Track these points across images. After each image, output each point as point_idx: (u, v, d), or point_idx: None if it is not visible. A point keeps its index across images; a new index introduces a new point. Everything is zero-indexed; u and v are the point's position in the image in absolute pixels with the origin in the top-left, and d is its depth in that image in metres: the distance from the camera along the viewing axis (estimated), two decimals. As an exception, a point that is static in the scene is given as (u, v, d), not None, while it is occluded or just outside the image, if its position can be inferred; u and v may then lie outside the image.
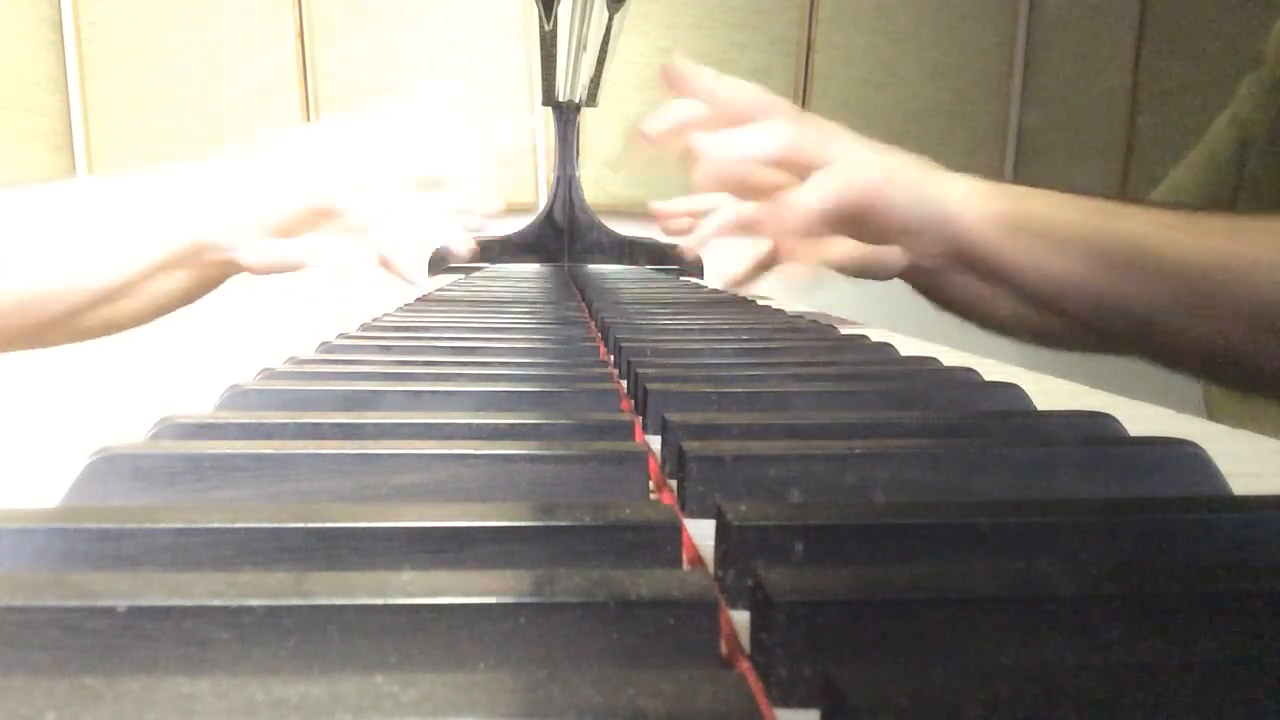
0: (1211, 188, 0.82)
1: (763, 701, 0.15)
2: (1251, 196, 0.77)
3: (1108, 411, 0.31)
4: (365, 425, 0.28)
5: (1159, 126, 1.97)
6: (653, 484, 0.26)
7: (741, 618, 0.17)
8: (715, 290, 0.94)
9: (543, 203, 1.43)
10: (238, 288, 0.55)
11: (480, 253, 1.37)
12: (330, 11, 1.99)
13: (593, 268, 1.37)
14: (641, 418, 0.34)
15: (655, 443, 0.30)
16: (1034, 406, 0.35)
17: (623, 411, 0.33)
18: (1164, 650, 0.15)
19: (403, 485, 0.23)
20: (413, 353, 0.45)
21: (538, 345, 0.48)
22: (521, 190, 2.08)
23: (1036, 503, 0.23)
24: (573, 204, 1.40)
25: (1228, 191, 0.80)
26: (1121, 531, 0.20)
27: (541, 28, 1.09)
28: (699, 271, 1.38)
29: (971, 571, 0.16)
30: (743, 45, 2.15)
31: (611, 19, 1.07)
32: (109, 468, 0.23)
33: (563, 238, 1.40)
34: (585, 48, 1.13)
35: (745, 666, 0.16)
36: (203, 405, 0.32)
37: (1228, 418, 0.67)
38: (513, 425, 0.28)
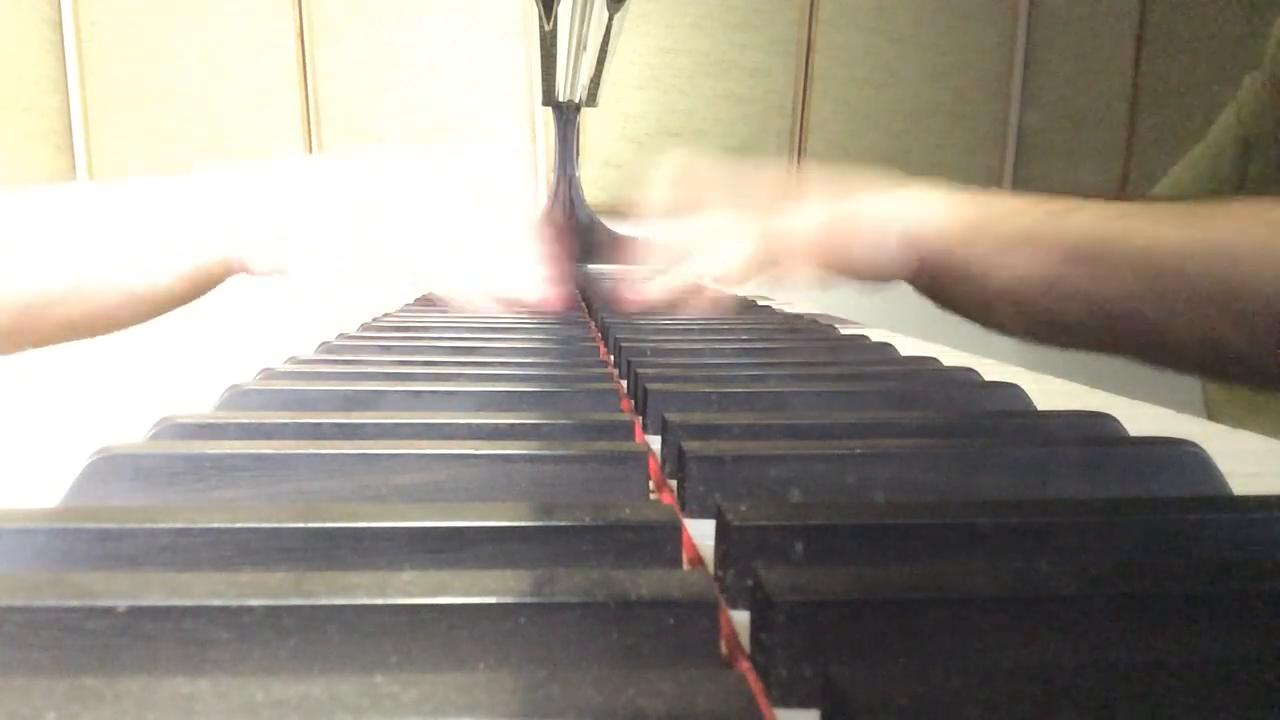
0: (1214, 184, 0.82)
1: (763, 701, 0.15)
2: (1254, 194, 0.77)
3: (1108, 411, 0.31)
4: (365, 425, 0.28)
5: (1159, 126, 1.98)
6: (653, 484, 0.26)
7: (741, 618, 0.17)
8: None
9: (543, 203, 1.43)
10: (238, 288, 0.55)
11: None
12: (330, 11, 1.99)
13: (593, 268, 1.37)
14: (641, 418, 0.34)
15: (655, 443, 0.30)
16: (1034, 406, 0.35)
17: (623, 411, 0.33)
18: (1164, 650, 0.15)
19: (403, 485, 0.23)
20: (413, 353, 0.45)
21: (537, 345, 0.48)
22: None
23: (1036, 503, 0.23)
24: (573, 204, 1.40)
25: (1230, 188, 0.80)
26: (1121, 531, 0.20)
27: (541, 28, 1.09)
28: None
29: (971, 571, 0.16)
30: (743, 45, 2.15)
31: (611, 19, 1.07)
32: (109, 468, 0.23)
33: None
34: (585, 48, 1.13)
35: (745, 666, 0.16)
36: (203, 405, 0.32)
37: (1227, 418, 0.66)
38: (513, 425, 0.28)
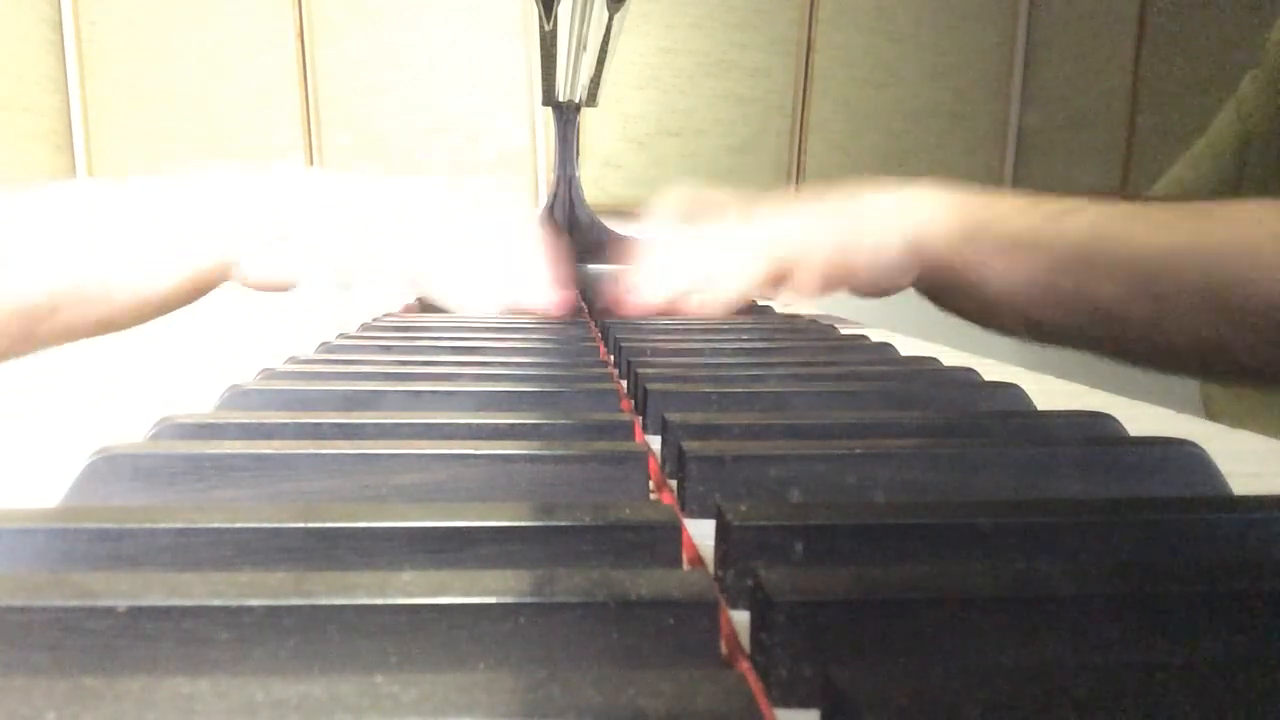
0: (1213, 184, 0.82)
1: (763, 701, 0.15)
2: (1254, 192, 0.77)
3: (1108, 411, 0.31)
4: (365, 425, 0.28)
5: (1159, 126, 1.98)
6: (653, 484, 0.26)
7: (741, 618, 0.17)
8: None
9: (543, 203, 1.43)
10: (238, 288, 0.55)
11: None
12: (330, 11, 1.99)
13: (593, 268, 1.37)
14: (641, 418, 0.34)
15: (655, 443, 0.30)
16: (1034, 406, 0.35)
17: (623, 411, 0.33)
18: (1164, 650, 0.15)
19: (403, 485, 0.24)
20: (413, 353, 0.45)
21: (537, 345, 0.48)
22: (522, 190, 2.08)
23: (1036, 503, 0.23)
24: (573, 204, 1.40)
25: (1229, 187, 0.80)
26: (1121, 531, 0.20)
27: (541, 28, 1.09)
28: None
29: (971, 571, 0.16)
30: (743, 45, 2.15)
31: (611, 19, 1.07)
32: (109, 468, 0.23)
33: (563, 238, 1.40)
34: (585, 48, 1.13)
35: (745, 666, 0.16)
36: (203, 405, 0.32)
37: (1226, 417, 0.67)
38: (513, 425, 0.28)
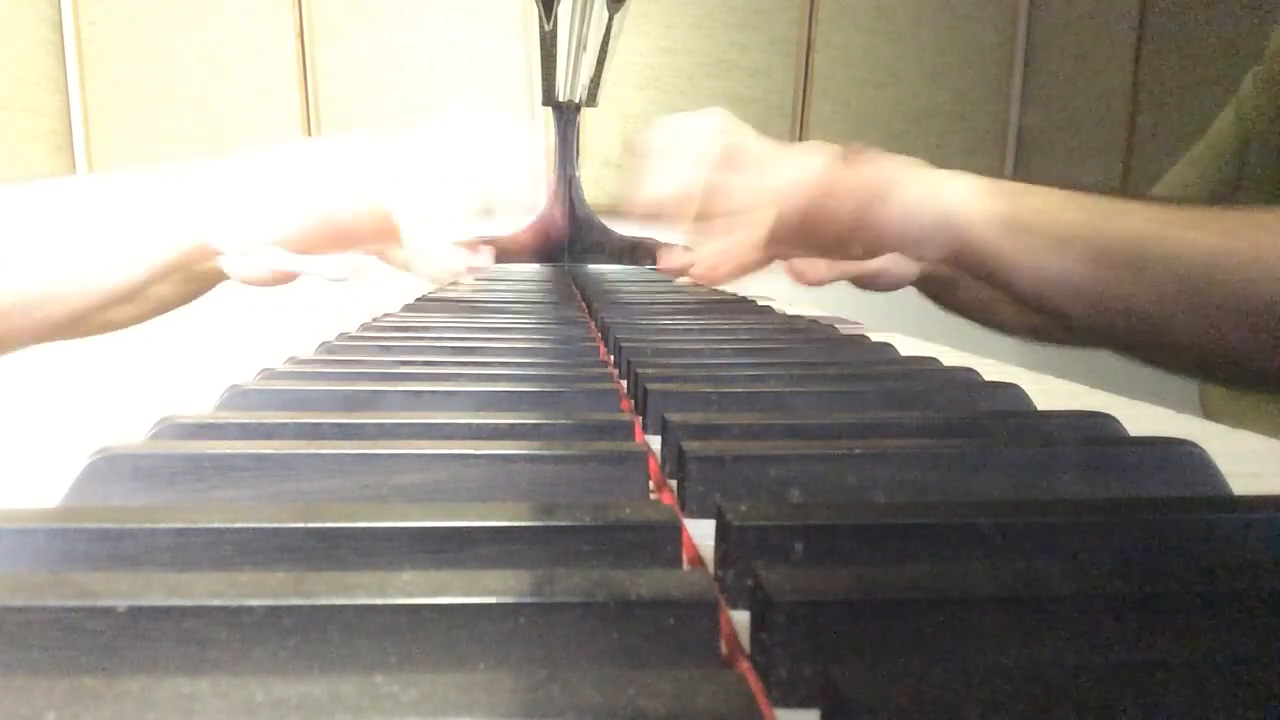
0: (1213, 184, 0.82)
1: (763, 701, 0.15)
2: (1254, 192, 0.77)
3: (1108, 411, 0.31)
4: (365, 425, 0.28)
5: (1159, 126, 1.97)
6: (653, 484, 0.26)
7: (741, 618, 0.17)
8: (715, 290, 0.94)
9: (544, 201, 1.43)
10: (238, 288, 0.55)
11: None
12: (330, 11, 1.99)
13: (593, 268, 1.37)
14: (641, 418, 0.34)
15: (655, 443, 0.30)
16: (1034, 406, 0.35)
17: (623, 411, 0.33)
18: (1164, 650, 0.15)
19: (403, 485, 0.23)
20: (413, 353, 0.45)
21: (538, 345, 0.48)
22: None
23: (1036, 503, 0.23)
24: (573, 204, 1.40)
25: (1229, 187, 0.80)
26: (1121, 531, 0.20)
27: (541, 28, 1.09)
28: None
29: (971, 571, 0.16)
30: (743, 45, 2.15)
31: (611, 19, 1.07)
32: (109, 468, 0.23)
33: (564, 237, 1.40)
34: (585, 48, 1.13)
35: (745, 666, 0.16)
36: (203, 405, 0.32)
37: (1224, 417, 0.67)
38: (513, 425, 0.28)
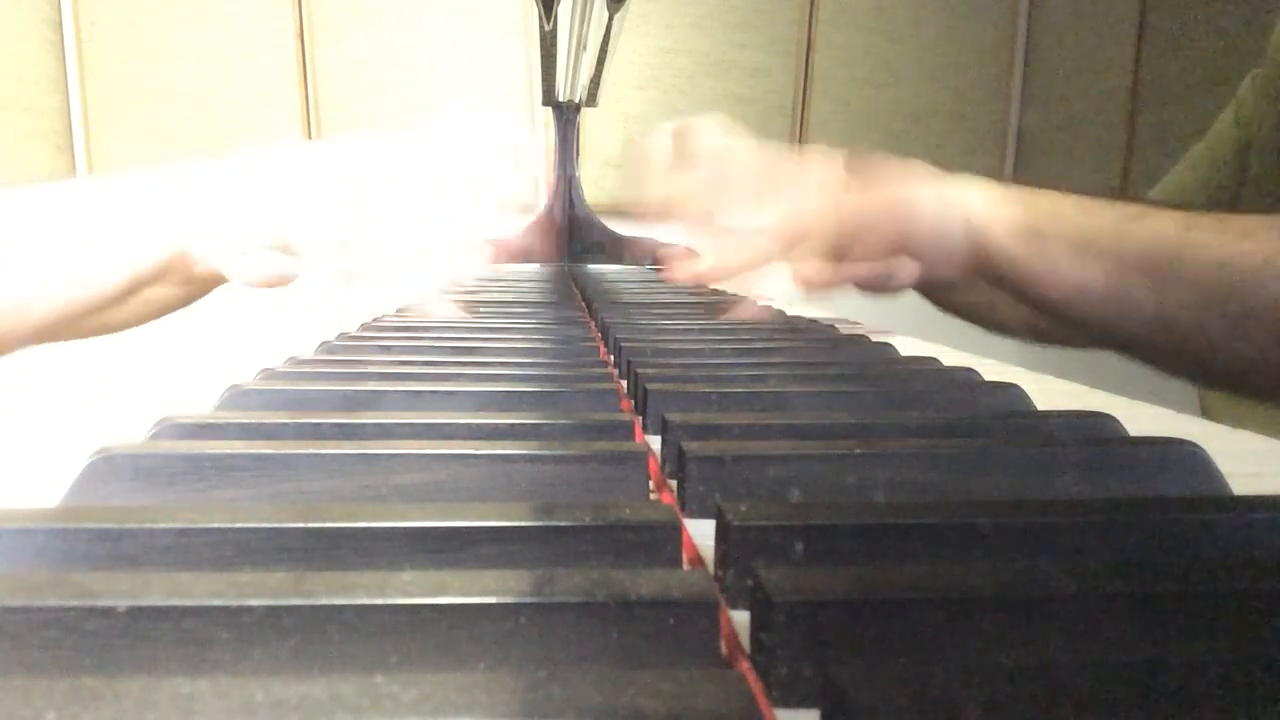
0: (1212, 187, 0.81)
1: (763, 701, 0.15)
2: (1254, 195, 0.76)
3: (1108, 411, 0.31)
4: (365, 425, 0.28)
5: (1159, 126, 1.97)
6: (653, 484, 0.26)
7: (741, 618, 0.17)
8: (716, 291, 0.94)
9: (543, 203, 1.43)
10: (237, 289, 0.55)
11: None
12: (330, 11, 1.99)
13: (593, 268, 1.37)
14: (641, 418, 0.34)
15: (655, 443, 0.30)
16: (1034, 406, 0.35)
17: (623, 411, 0.33)
18: (1164, 650, 0.15)
19: (403, 485, 0.23)
20: (413, 353, 0.45)
21: (538, 345, 0.48)
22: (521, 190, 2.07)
23: (1036, 503, 0.23)
24: (573, 204, 1.40)
25: (1228, 191, 0.80)
26: (1121, 531, 0.20)
27: (541, 28, 1.09)
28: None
29: (971, 571, 0.16)
30: (743, 45, 2.15)
31: (611, 19, 1.07)
32: (109, 468, 0.23)
33: (563, 238, 1.40)
34: (585, 48, 1.13)
35: (745, 666, 0.16)
36: (203, 405, 0.32)
37: (1224, 417, 0.66)
38: (513, 425, 0.28)
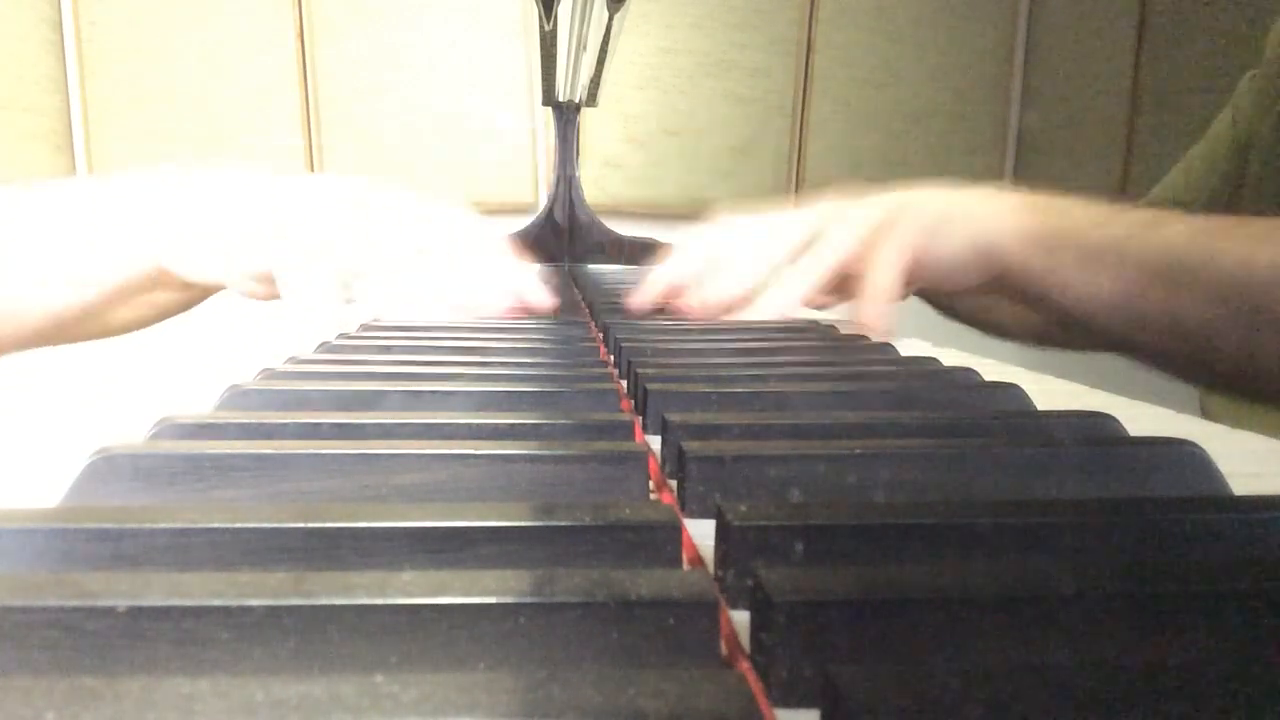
0: (1210, 189, 0.81)
1: (763, 701, 0.15)
2: (1253, 196, 0.76)
3: (1108, 411, 0.31)
4: (365, 425, 0.28)
5: (1159, 126, 1.97)
6: (653, 484, 0.26)
7: (741, 618, 0.17)
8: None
9: (543, 203, 1.43)
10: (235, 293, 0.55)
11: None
12: (330, 11, 1.99)
13: (593, 268, 1.37)
14: (641, 418, 0.34)
15: (655, 443, 0.30)
16: (1034, 406, 0.35)
17: (623, 411, 0.33)
18: (1164, 650, 0.15)
19: (403, 485, 0.23)
20: (413, 353, 0.45)
21: (538, 345, 0.48)
22: (521, 190, 2.08)
23: (1036, 503, 0.23)
24: (573, 204, 1.40)
25: (1227, 192, 0.80)
26: (1121, 531, 0.20)
27: (541, 28, 1.09)
28: None
29: (971, 571, 0.16)
30: (743, 45, 2.15)
31: (611, 19, 1.07)
32: (109, 468, 0.23)
33: (563, 238, 1.40)
34: (585, 48, 1.13)
35: (745, 666, 0.16)
36: (203, 405, 0.32)
37: (1224, 417, 0.66)
38: (513, 425, 0.28)
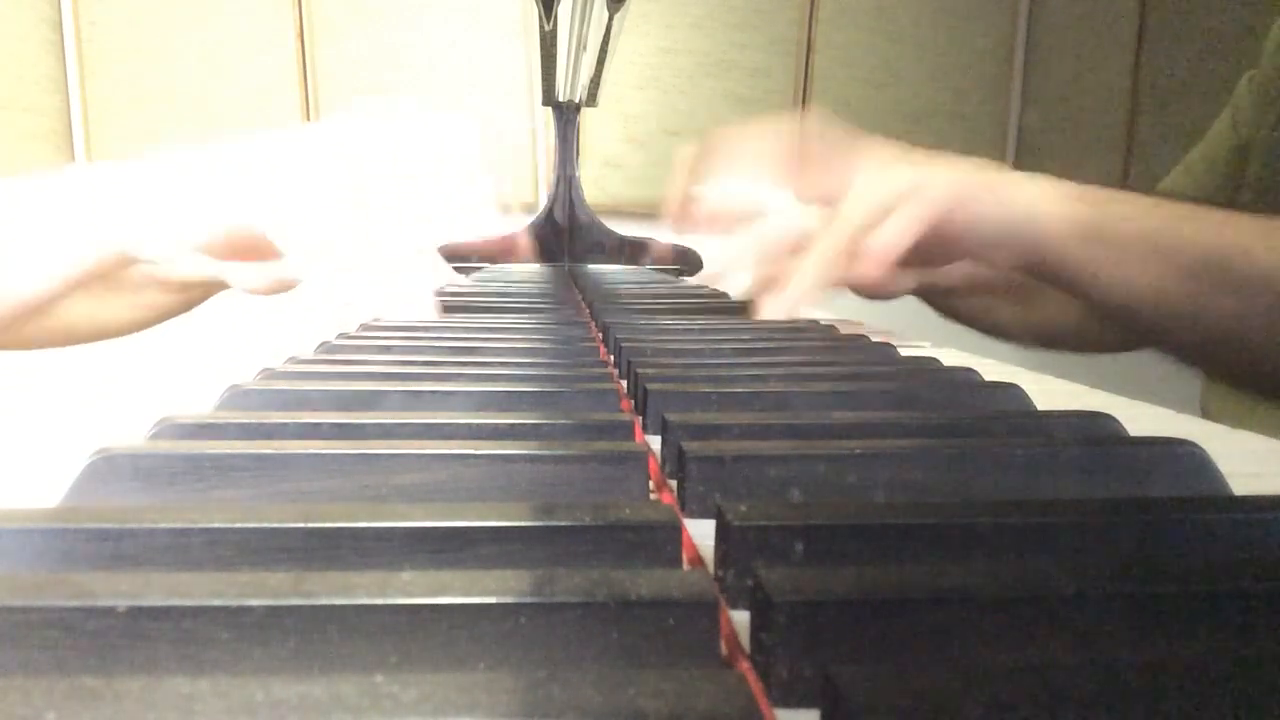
0: (1210, 191, 0.81)
1: (763, 701, 0.15)
2: (1252, 198, 0.76)
3: (1108, 411, 0.31)
4: (365, 425, 0.28)
5: (1159, 126, 1.98)
6: (653, 484, 0.26)
7: (741, 618, 0.17)
8: (716, 291, 0.94)
9: (543, 203, 1.43)
10: (237, 293, 0.55)
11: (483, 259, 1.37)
12: (330, 11, 1.99)
13: (593, 268, 1.37)
14: (641, 418, 0.34)
15: (655, 443, 0.30)
16: (1034, 406, 0.35)
17: (623, 411, 0.33)
18: (1164, 650, 0.15)
19: (403, 485, 0.23)
20: (413, 352, 0.45)
21: (538, 345, 0.48)
22: (521, 190, 2.08)
23: (1036, 503, 0.23)
24: (573, 204, 1.40)
25: (1226, 194, 0.80)
26: (1121, 531, 0.20)
27: (541, 28, 1.09)
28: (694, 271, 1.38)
29: (971, 571, 0.16)
30: (743, 45, 2.15)
31: (611, 19, 1.07)
32: (109, 468, 0.23)
33: (563, 238, 1.40)
34: (585, 48, 1.13)
35: (745, 666, 0.16)
36: (203, 405, 0.32)
37: (1224, 417, 0.66)
38: (513, 425, 0.28)
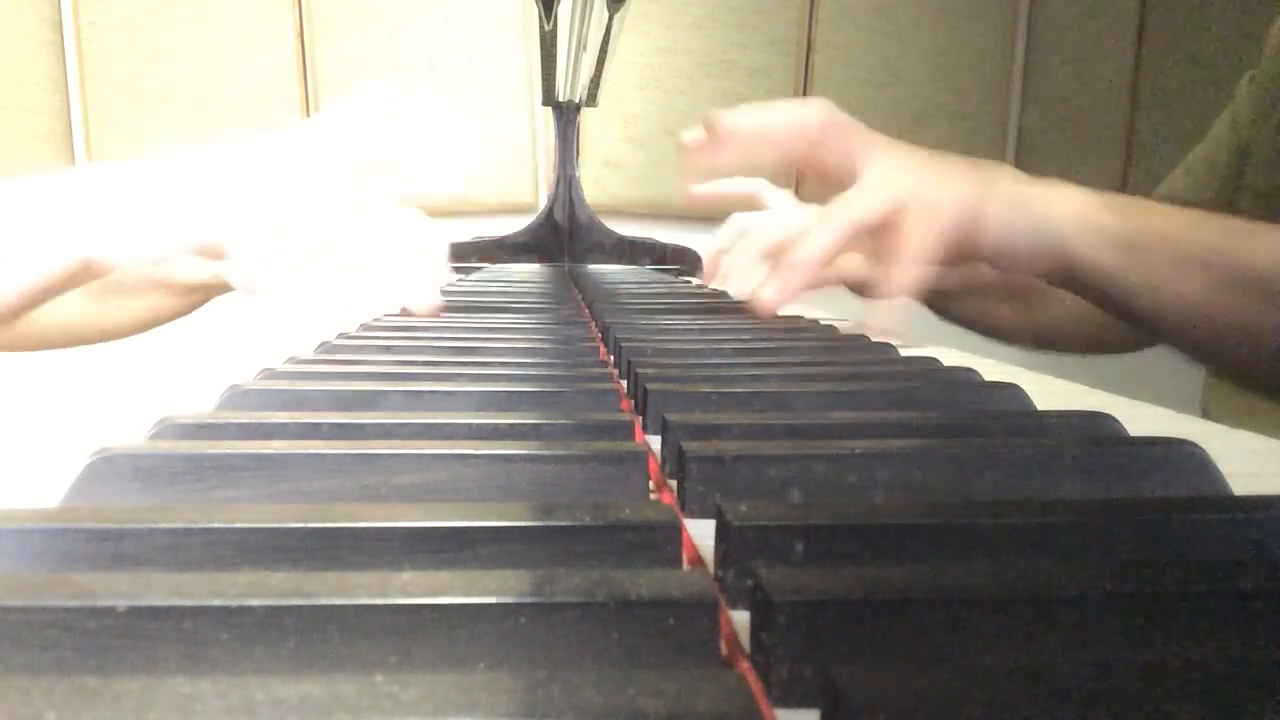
0: (1210, 193, 0.81)
1: (763, 701, 0.15)
2: (1252, 199, 0.76)
3: (1108, 411, 0.31)
4: (365, 425, 0.28)
5: (1159, 126, 1.98)
6: (653, 484, 0.26)
7: (741, 618, 0.17)
8: (716, 291, 0.94)
9: (543, 203, 1.43)
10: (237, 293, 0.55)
11: (484, 256, 1.37)
12: (330, 11, 1.99)
13: (593, 268, 1.37)
14: (641, 418, 0.34)
15: (655, 443, 0.30)
16: (1034, 406, 0.35)
17: (623, 411, 0.33)
18: (1164, 650, 0.15)
19: (403, 485, 0.23)
20: (413, 353, 0.45)
21: (538, 345, 0.48)
22: (521, 190, 2.08)
23: (1036, 503, 0.23)
24: (573, 204, 1.40)
25: (1226, 195, 0.80)
26: (1121, 531, 0.20)
27: (541, 28, 1.09)
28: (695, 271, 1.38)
29: (971, 571, 0.16)
30: (743, 45, 2.15)
31: (611, 19, 1.07)
32: (109, 468, 0.23)
33: (563, 238, 1.40)
34: (585, 48, 1.13)
35: (745, 666, 0.16)
36: (203, 405, 0.32)
37: (1224, 417, 0.66)
38: (513, 425, 0.28)
